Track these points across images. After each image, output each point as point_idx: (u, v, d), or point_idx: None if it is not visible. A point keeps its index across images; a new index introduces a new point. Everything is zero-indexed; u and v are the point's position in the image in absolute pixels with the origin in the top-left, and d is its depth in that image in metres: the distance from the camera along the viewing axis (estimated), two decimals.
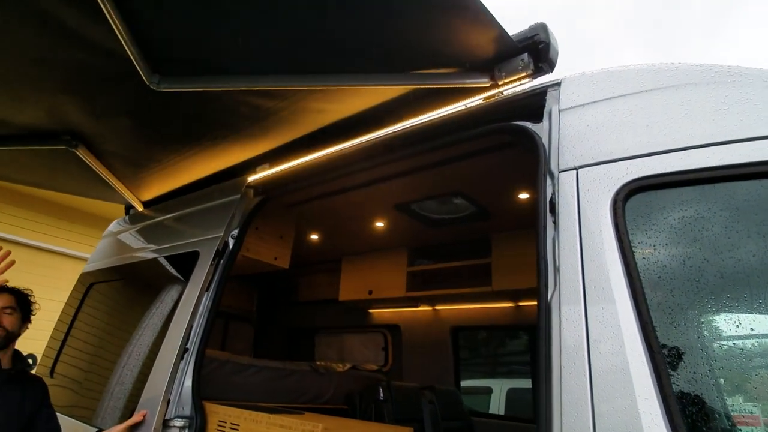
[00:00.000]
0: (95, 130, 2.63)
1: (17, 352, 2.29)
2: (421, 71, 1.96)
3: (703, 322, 1.28)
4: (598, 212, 1.39)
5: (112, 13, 1.70)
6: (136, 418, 2.25)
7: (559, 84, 1.73)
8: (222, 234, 2.60)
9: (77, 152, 2.76)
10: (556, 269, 1.43)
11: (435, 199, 3.28)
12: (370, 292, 4.31)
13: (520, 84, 1.88)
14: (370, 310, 4.85)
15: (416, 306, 4.46)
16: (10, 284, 2.26)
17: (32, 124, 2.62)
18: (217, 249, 2.56)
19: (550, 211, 1.53)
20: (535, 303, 1.47)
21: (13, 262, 1.94)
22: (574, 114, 1.62)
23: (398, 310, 4.65)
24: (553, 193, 1.54)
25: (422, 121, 2.18)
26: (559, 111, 1.67)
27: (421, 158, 2.55)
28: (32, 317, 2.38)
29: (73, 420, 2.53)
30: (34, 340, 3.12)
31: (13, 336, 2.25)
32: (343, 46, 1.90)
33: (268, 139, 2.64)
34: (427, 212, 3.52)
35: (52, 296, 3.65)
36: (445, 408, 3.72)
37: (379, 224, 3.84)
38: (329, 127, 2.46)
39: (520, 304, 3.96)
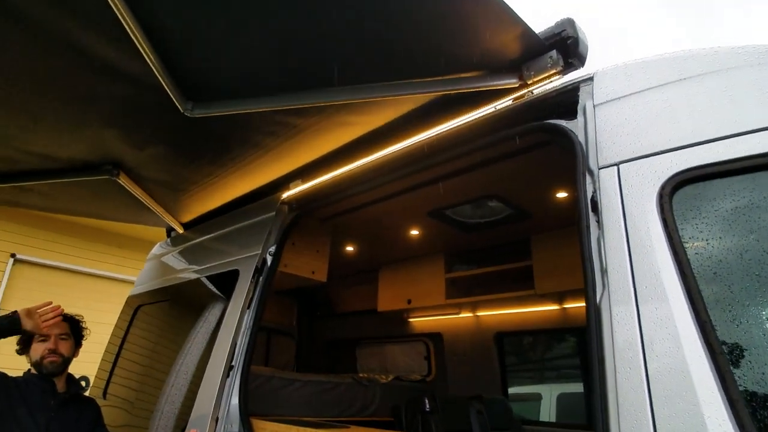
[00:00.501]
0: (135, 158, 2.73)
1: (70, 376, 2.39)
2: (447, 77, 1.94)
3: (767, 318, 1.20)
4: (644, 208, 1.34)
5: (146, 47, 1.76)
6: None
7: (591, 78, 1.68)
8: (260, 251, 2.64)
9: (119, 180, 2.87)
10: (603, 270, 1.38)
11: (469, 204, 3.24)
12: (409, 301, 4.28)
13: (551, 82, 1.84)
14: (411, 319, 4.81)
15: (457, 313, 4.40)
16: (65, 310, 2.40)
17: (76, 157, 2.74)
18: (256, 266, 2.60)
19: (593, 210, 1.48)
20: (582, 304, 1.42)
21: (61, 313, 2.17)
22: (610, 108, 1.57)
23: (439, 318, 4.59)
24: (594, 191, 1.49)
25: (451, 126, 2.16)
26: (593, 106, 1.62)
27: (453, 164, 2.51)
28: (83, 341, 2.48)
29: None
30: (87, 363, 3.24)
31: (68, 361, 2.35)
32: (370, 57, 1.90)
33: (299, 156, 2.67)
34: (462, 217, 3.47)
35: (103, 320, 3.78)
36: (494, 417, 3.63)
37: (414, 232, 3.82)
38: (359, 140, 2.47)
39: (566, 306, 3.84)
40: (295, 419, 2.53)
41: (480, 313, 4.37)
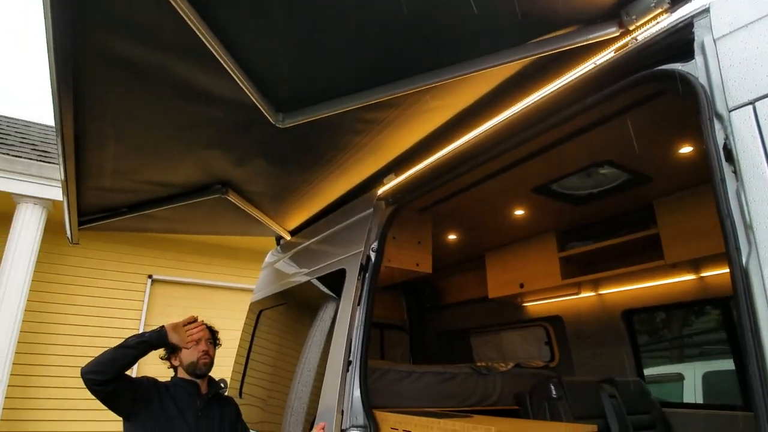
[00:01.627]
0: (239, 174, 2.90)
1: (211, 378, 2.60)
2: (537, 39, 1.79)
3: None
4: None
5: (234, 69, 1.84)
6: (317, 431, 2.39)
7: (707, 10, 1.45)
8: (363, 249, 2.67)
9: (228, 198, 3.08)
10: (748, 226, 1.20)
11: (578, 174, 2.98)
12: (522, 285, 4.09)
13: (656, 23, 1.62)
14: (525, 304, 4.60)
15: (577, 293, 4.11)
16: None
17: (189, 181, 2.98)
18: (361, 264, 2.63)
19: (727, 160, 1.29)
20: (724, 270, 1.24)
21: (204, 327, 2.43)
22: (734, 39, 1.34)
23: (557, 300, 4.33)
24: (726, 138, 1.30)
25: (548, 92, 1.99)
26: (714, 41, 1.40)
27: (554, 133, 2.33)
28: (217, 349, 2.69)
29: None
30: (222, 367, 3.55)
31: (213, 364, 2.56)
32: (452, 34, 1.81)
33: (390, 150, 2.66)
34: (571, 190, 3.22)
35: (232, 327, 4.11)
36: (629, 401, 3.34)
37: (519, 212, 3.63)
38: (448, 123, 2.39)
39: (704, 274, 3.41)
40: (416, 410, 2.53)
41: (603, 291, 4.04)
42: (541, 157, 2.71)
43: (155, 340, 2.26)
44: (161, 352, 2.52)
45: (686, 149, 2.67)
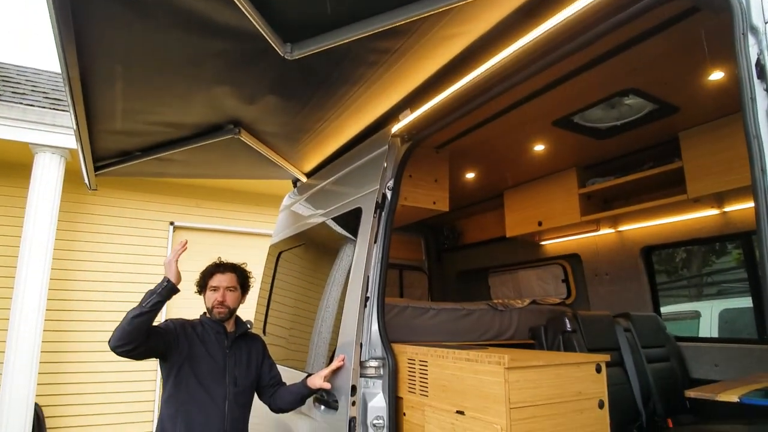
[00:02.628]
0: (250, 113, 2.86)
1: (238, 318, 2.67)
2: None
3: None
4: None
5: None
6: (338, 363, 2.48)
7: None
8: (378, 187, 2.65)
9: (241, 138, 3.04)
10: None
11: (601, 105, 2.86)
12: (540, 223, 4.05)
13: None
14: (543, 242, 4.59)
15: (596, 230, 4.07)
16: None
17: (200, 121, 2.95)
18: (377, 202, 2.62)
19: (758, 77, 1.23)
20: (749, 205, 1.19)
21: (185, 246, 2.36)
22: None
23: (575, 237, 4.30)
24: (760, 53, 1.23)
25: (570, 14, 1.87)
26: None
27: (575, 59, 2.21)
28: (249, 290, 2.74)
29: (288, 369, 2.90)
30: (246, 308, 3.65)
31: (234, 310, 2.62)
32: None
33: (404, 84, 2.57)
34: (592, 122, 3.10)
35: (254, 271, 4.19)
36: (644, 335, 3.38)
37: (539, 147, 3.53)
38: (464, 53, 2.28)
39: (728, 209, 3.33)
40: (433, 343, 2.58)
41: (622, 228, 4.00)
42: (562, 86, 2.60)
43: (167, 294, 2.28)
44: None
45: (717, 75, 2.53)
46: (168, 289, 2.29)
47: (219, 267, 2.62)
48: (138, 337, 2.20)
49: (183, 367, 2.39)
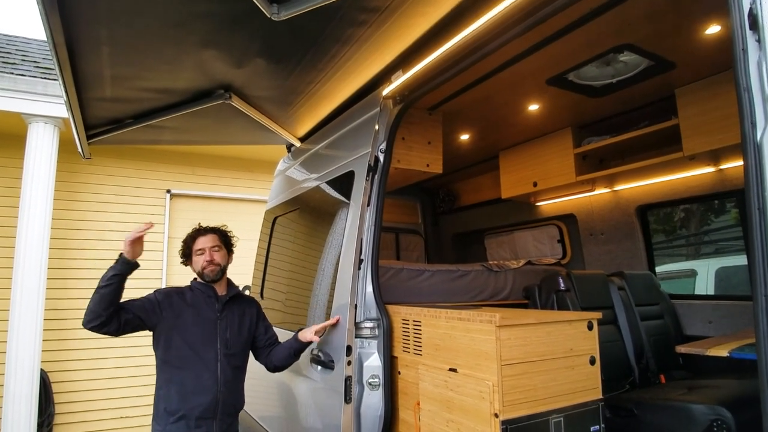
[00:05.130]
0: (239, 77, 2.81)
1: (229, 280, 2.70)
2: None
3: None
4: None
5: None
6: (331, 321, 2.53)
7: None
8: (370, 149, 2.63)
9: (232, 103, 3.01)
10: (767, 100, 1.13)
11: (595, 62, 2.81)
12: (535, 184, 4.05)
13: None
14: (539, 203, 4.60)
15: (591, 190, 4.07)
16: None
17: (190, 87, 2.91)
18: (369, 165, 2.61)
19: (751, 28, 1.20)
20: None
21: (150, 226, 2.34)
22: None
23: (571, 198, 4.31)
24: (753, 2, 1.20)
25: None
26: None
27: (567, 14, 2.16)
28: (234, 250, 2.76)
29: (285, 331, 2.95)
30: (244, 274, 3.68)
31: (225, 268, 2.64)
32: None
33: (396, 43, 2.52)
34: (587, 80, 3.05)
35: (250, 237, 4.22)
36: (638, 293, 3.43)
37: (533, 107, 3.49)
38: (455, 11, 2.22)
39: (724, 166, 3.32)
40: (428, 304, 2.63)
41: (618, 187, 3.99)
42: (556, 43, 2.54)
43: (123, 268, 2.27)
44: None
45: (713, 29, 2.47)
46: (122, 263, 2.27)
47: (199, 231, 2.65)
48: (102, 312, 2.22)
49: (171, 334, 2.42)
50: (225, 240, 2.70)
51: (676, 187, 3.61)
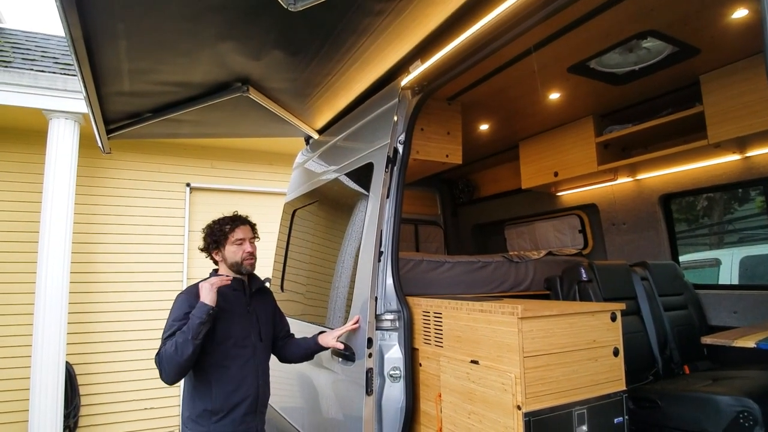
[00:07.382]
0: (257, 69, 2.81)
1: (253, 273, 2.70)
2: None
3: None
4: None
5: None
6: (352, 325, 2.49)
7: None
8: (389, 141, 2.61)
9: (250, 96, 3.01)
10: None
11: (617, 49, 2.74)
12: (556, 174, 3.99)
13: None
14: (559, 193, 4.53)
15: (613, 179, 3.99)
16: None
17: (208, 80, 2.91)
18: (388, 156, 2.59)
19: None
20: None
21: (229, 281, 2.36)
22: None
23: (592, 188, 4.24)
24: None
25: None
26: None
27: (589, 1, 2.10)
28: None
29: (306, 323, 2.97)
30: (263, 267, 3.69)
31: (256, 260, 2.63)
32: None
33: (413, 33, 2.48)
34: (609, 67, 2.98)
35: (270, 229, 4.25)
36: (662, 283, 3.37)
37: (554, 96, 3.43)
38: None
39: (750, 154, 3.23)
40: (448, 296, 2.61)
41: (640, 176, 3.92)
42: (577, 30, 2.49)
43: (207, 318, 2.23)
44: (201, 243, 2.59)
45: (740, 13, 2.39)
46: (206, 313, 2.23)
47: (237, 220, 2.56)
48: (191, 366, 2.26)
49: (212, 334, 2.34)
50: (254, 230, 2.67)
51: (701, 176, 3.53)
